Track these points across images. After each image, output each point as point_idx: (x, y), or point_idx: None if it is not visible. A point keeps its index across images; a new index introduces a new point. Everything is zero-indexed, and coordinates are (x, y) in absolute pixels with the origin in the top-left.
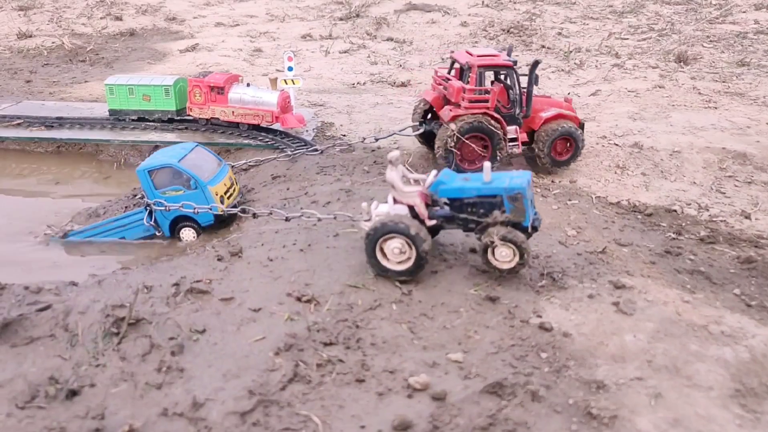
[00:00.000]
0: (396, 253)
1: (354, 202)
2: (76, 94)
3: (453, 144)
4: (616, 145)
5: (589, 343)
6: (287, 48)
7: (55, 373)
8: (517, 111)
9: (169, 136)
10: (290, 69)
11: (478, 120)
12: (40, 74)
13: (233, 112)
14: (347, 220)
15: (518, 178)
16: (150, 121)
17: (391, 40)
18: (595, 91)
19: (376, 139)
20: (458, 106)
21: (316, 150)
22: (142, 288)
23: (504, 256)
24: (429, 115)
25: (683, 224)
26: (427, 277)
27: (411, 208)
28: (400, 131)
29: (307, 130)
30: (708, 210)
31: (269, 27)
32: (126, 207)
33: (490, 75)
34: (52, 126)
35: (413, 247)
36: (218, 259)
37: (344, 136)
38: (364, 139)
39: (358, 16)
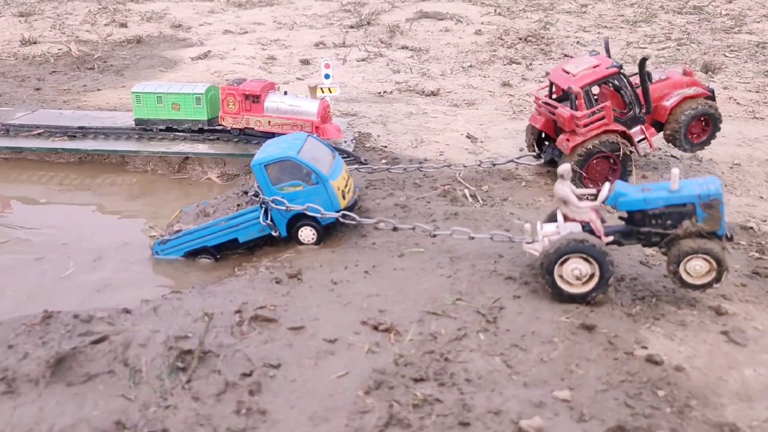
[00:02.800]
0: (576, 275)
1: (411, 218)
2: (91, 103)
3: (578, 168)
4: (674, 157)
5: (707, 378)
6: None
7: (121, 417)
8: (637, 111)
9: (201, 147)
10: (327, 77)
11: (599, 143)
12: (48, 82)
13: (269, 121)
14: (506, 241)
15: (710, 183)
16: (179, 131)
17: (407, 48)
18: None
19: (494, 165)
20: (574, 133)
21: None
22: (203, 316)
23: (698, 271)
24: (544, 140)
25: (763, 242)
26: (510, 303)
27: (583, 225)
28: (517, 159)
29: (345, 141)
30: None
31: (279, 35)
32: (238, 205)
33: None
34: (75, 136)
35: (598, 267)
36: (276, 282)
37: (385, 147)
38: (480, 163)
39: (369, 24)
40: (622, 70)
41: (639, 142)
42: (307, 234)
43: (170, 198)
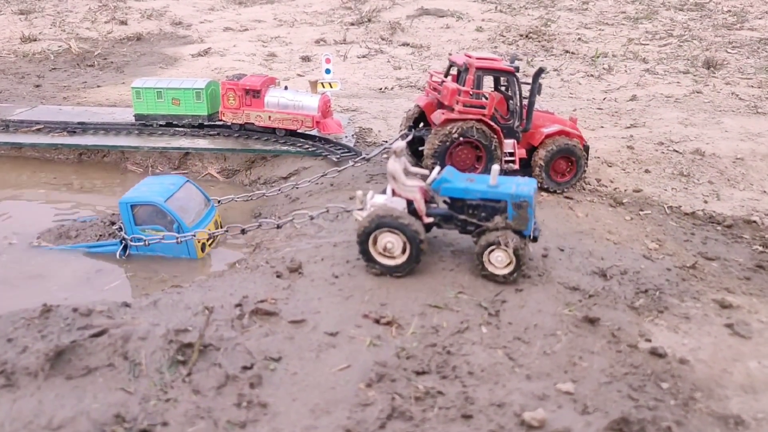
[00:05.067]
0: (389, 248)
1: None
2: (91, 99)
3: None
4: (677, 151)
5: (712, 371)
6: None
7: (121, 410)
8: (516, 123)
9: (201, 143)
10: (328, 71)
11: (472, 127)
12: (48, 78)
13: (270, 116)
14: (341, 211)
15: (525, 185)
16: (179, 127)
17: (407, 45)
18: (632, 96)
19: (367, 160)
20: (452, 110)
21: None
22: (203, 310)
23: (499, 261)
24: (421, 123)
25: (766, 236)
26: (512, 296)
27: (409, 202)
28: (390, 144)
29: (346, 136)
30: None
31: (279, 32)
32: (100, 236)
33: (489, 84)
34: (75, 132)
35: (408, 244)
36: (277, 276)
37: (386, 142)
38: (355, 162)
39: (370, 21)
40: (518, 74)
41: (508, 155)
42: None
43: None
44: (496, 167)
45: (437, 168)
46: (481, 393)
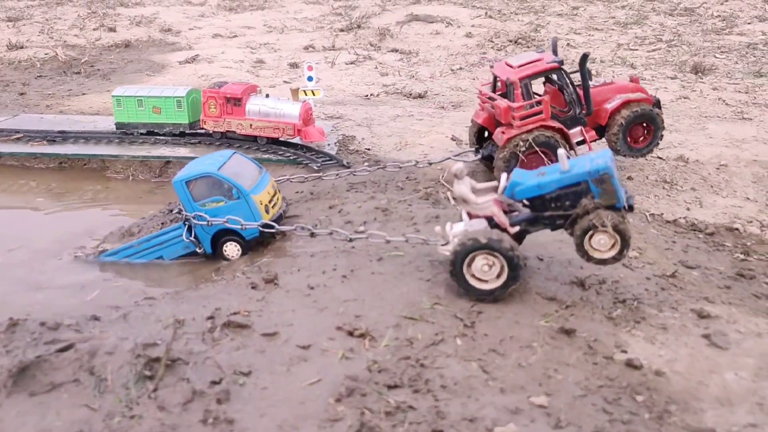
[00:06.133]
0: (486, 271)
1: (392, 222)
2: (75, 107)
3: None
4: (660, 158)
5: (688, 383)
6: (290, 59)
7: (84, 428)
8: (578, 111)
9: (182, 151)
10: (310, 79)
11: (533, 137)
12: (33, 86)
13: (251, 125)
14: (421, 243)
15: (599, 158)
16: (160, 135)
17: (396, 51)
18: None
19: (430, 164)
20: (510, 126)
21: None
22: (174, 323)
23: (603, 245)
24: (486, 137)
25: (748, 244)
26: (489, 308)
27: (489, 219)
28: (455, 156)
29: (329, 144)
30: None
31: (268, 38)
32: (162, 223)
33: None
34: (55, 140)
35: (505, 261)
36: (252, 288)
37: (368, 150)
38: (417, 162)
39: (359, 27)
40: (563, 66)
41: (578, 144)
42: (231, 249)
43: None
44: (561, 151)
45: (504, 175)
46: (453, 407)
